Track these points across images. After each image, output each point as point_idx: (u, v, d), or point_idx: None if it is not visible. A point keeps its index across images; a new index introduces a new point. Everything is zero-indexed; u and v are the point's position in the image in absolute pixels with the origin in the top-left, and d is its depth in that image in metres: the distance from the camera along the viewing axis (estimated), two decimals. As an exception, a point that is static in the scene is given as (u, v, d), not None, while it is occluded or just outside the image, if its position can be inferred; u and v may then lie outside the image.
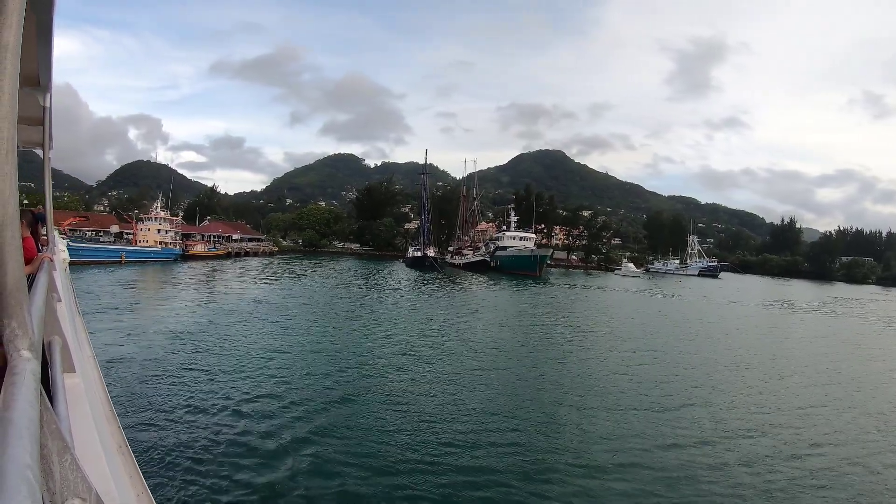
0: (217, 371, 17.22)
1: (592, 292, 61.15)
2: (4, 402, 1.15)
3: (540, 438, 12.57)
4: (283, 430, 12.21)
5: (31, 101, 5.30)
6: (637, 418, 14.37)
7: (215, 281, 51.39)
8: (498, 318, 32.40)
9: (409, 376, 17.83)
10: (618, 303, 49.52)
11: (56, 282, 4.26)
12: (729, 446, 12.77)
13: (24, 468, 0.90)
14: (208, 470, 9.96)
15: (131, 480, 2.07)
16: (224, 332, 23.78)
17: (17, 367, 1.30)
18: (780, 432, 14.07)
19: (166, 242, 78.54)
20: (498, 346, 23.83)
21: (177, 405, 13.55)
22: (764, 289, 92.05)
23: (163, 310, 30.34)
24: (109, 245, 72.42)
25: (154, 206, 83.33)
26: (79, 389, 2.45)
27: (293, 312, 31.17)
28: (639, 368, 20.44)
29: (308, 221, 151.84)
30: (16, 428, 1.03)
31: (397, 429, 12.68)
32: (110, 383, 13.88)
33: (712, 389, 18.14)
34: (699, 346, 26.79)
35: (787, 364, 23.59)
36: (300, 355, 20.02)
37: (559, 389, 17.03)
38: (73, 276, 38.37)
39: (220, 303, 33.96)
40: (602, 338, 27.64)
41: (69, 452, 1.28)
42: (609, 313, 39.27)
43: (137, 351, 19.32)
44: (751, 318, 42.10)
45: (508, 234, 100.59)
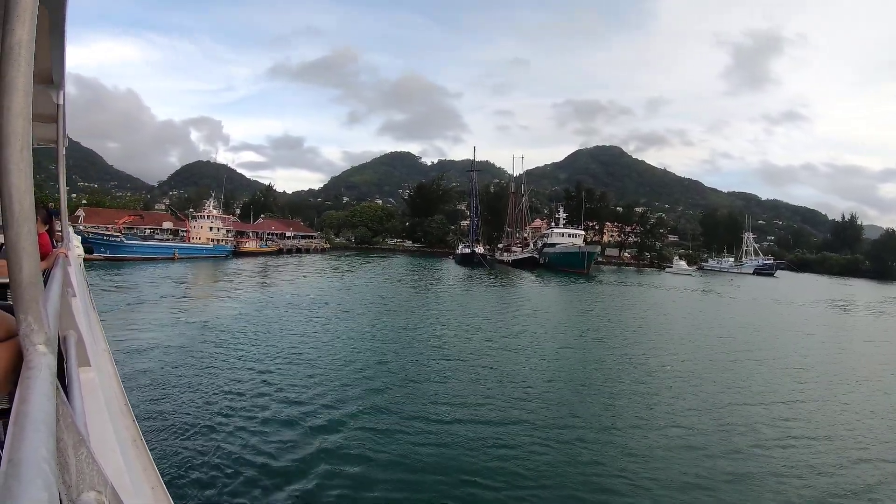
0: (245, 364, 17.20)
1: (636, 290, 59.66)
2: (21, 396, 1.17)
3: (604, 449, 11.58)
4: (311, 428, 11.84)
5: (45, 98, 5.43)
6: (691, 425, 13.40)
7: (261, 276, 52.58)
8: (535, 317, 31.84)
9: (445, 374, 17.33)
10: (659, 301, 47.99)
11: (71, 277, 4.35)
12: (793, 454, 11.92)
13: (40, 461, 0.92)
14: (224, 463, 9.90)
15: (146, 473, 2.14)
16: (259, 326, 23.95)
17: (34, 361, 1.32)
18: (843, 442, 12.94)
19: (218, 240, 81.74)
20: (530, 345, 23.24)
21: (198, 398, 13.46)
22: (820, 288, 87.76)
23: (203, 303, 31.14)
24: (163, 242, 75.12)
25: (207, 204, 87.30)
26: (94, 383, 2.55)
27: (329, 307, 31.20)
28: (675, 373, 19.06)
29: (360, 219, 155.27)
30: (32, 421, 1.05)
31: (433, 437, 11.94)
32: (136, 374, 14.86)
33: (768, 394, 16.89)
34: (748, 347, 25.25)
35: (847, 370, 21.65)
36: (334, 350, 19.73)
37: (595, 387, 16.34)
38: (128, 271, 41.48)
39: (261, 297, 34.36)
40: (634, 338, 26.86)
41: (84, 445, 1.30)
42: (645, 313, 38.37)
43: (168, 343, 19.60)
44: (804, 320, 39.45)
45: (557, 231, 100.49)
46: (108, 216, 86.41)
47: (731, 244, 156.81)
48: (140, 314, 25.53)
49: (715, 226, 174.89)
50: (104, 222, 79.28)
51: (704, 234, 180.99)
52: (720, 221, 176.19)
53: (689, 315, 38.22)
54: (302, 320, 26.22)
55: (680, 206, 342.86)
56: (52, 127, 6.61)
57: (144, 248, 66.89)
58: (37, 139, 7.43)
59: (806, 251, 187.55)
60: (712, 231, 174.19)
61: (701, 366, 20.46)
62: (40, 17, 1.20)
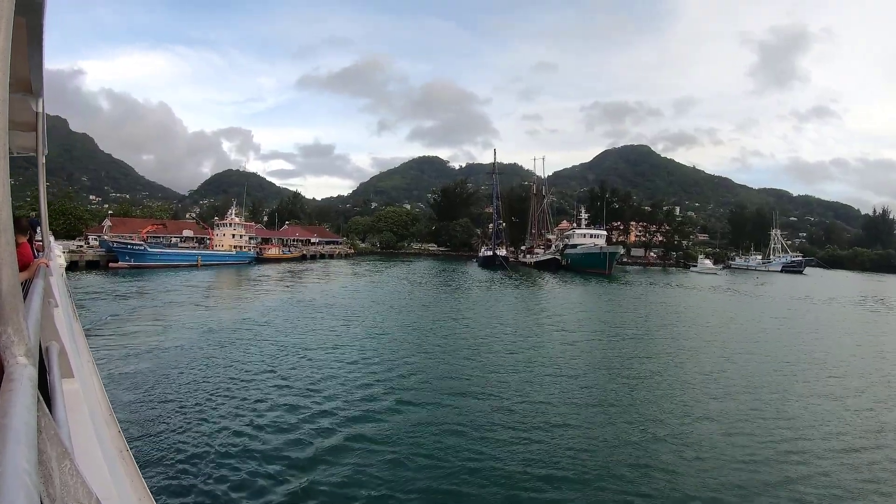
0: (243, 371, 16.95)
1: (655, 290, 58.14)
2: (1, 409, 1.14)
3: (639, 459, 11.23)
4: (305, 436, 11.68)
5: (24, 106, 5.35)
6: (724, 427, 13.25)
7: (277, 282, 53.01)
8: (545, 320, 31.38)
9: (452, 376, 17.23)
10: (675, 302, 46.46)
11: (53, 287, 4.30)
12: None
13: (22, 474, 0.90)
14: (215, 474, 9.76)
15: (133, 485, 2.11)
16: (261, 332, 23.69)
17: (14, 373, 1.29)
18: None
19: (241, 246, 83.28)
20: (535, 346, 22.81)
21: (190, 407, 13.29)
22: (850, 285, 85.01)
23: (215, 309, 31.38)
24: (186, 250, 77.54)
25: (229, 212, 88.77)
26: (77, 394, 2.49)
27: (333, 312, 30.98)
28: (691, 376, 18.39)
29: (385, 223, 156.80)
30: (13, 434, 1.02)
31: (452, 438, 11.88)
32: (130, 384, 14.76)
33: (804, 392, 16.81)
34: (776, 346, 24.61)
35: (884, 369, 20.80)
36: (332, 356, 19.49)
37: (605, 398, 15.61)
38: (150, 278, 43.29)
39: (270, 302, 35.11)
40: (645, 339, 26.27)
41: (69, 458, 1.28)
42: (659, 313, 37.26)
43: (166, 348, 19.66)
44: (835, 320, 37.58)
45: (579, 232, 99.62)
46: (133, 225, 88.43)
47: (758, 241, 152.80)
48: (140, 321, 25.96)
49: (743, 223, 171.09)
50: (130, 231, 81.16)
51: (732, 231, 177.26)
52: (748, 219, 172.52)
53: (700, 316, 37.11)
54: (308, 324, 26.43)
55: (710, 203, 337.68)
56: (32, 135, 6.51)
57: (167, 255, 68.98)
58: (16, 148, 7.62)
59: (836, 247, 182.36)
60: (740, 229, 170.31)
61: (716, 368, 19.70)
62: (17, 26, 1.17)
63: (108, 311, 28.59)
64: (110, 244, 63.60)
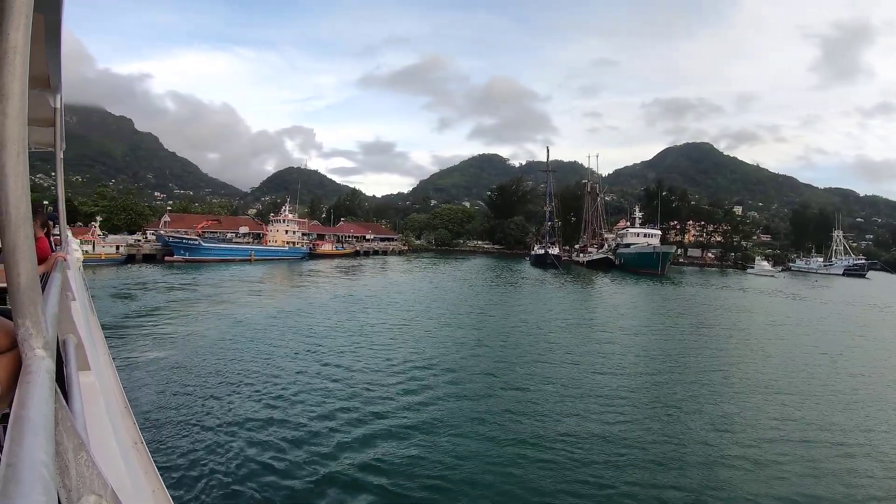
0: (268, 364, 17.07)
1: (704, 293, 56.52)
2: (20, 401, 1.15)
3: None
4: (320, 433, 11.62)
5: (42, 102, 5.40)
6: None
7: (326, 277, 53.80)
8: (584, 322, 30.73)
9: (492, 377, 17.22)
10: (719, 304, 45.07)
11: (70, 280, 4.36)
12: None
13: (39, 465, 0.90)
14: (228, 467, 9.87)
15: (147, 476, 2.13)
16: (297, 327, 23.86)
17: (32, 365, 1.30)
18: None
19: (294, 242, 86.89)
20: (573, 350, 22.27)
21: (207, 399, 13.44)
22: None
23: (251, 304, 31.44)
24: (240, 245, 79.38)
25: (283, 208, 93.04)
26: (94, 387, 2.55)
27: (368, 309, 30.92)
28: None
29: (441, 221, 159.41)
30: (31, 425, 1.03)
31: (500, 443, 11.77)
32: (152, 375, 15.23)
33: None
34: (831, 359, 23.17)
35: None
36: (349, 354, 19.21)
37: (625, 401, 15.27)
38: (203, 272, 49.50)
39: (318, 297, 35.49)
40: (673, 341, 25.98)
41: (84, 449, 1.29)
42: (694, 316, 36.16)
43: (197, 341, 20.08)
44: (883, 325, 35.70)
45: (632, 231, 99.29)
46: (190, 221, 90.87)
47: (821, 243, 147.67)
48: (180, 312, 26.94)
49: (805, 224, 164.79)
50: (187, 227, 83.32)
51: (794, 232, 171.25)
52: (811, 219, 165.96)
53: (742, 321, 36.20)
54: (345, 318, 26.91)
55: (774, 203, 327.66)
56: (50, 131, 6.57)
57: (222, 250, 72.57)
58: (34, 143, 7.70)
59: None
60: (802, 229, 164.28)
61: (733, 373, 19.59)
62: (36, 22, 1.28)
63: (151, 302, 30.24)
64: (166, 238, 67.65)
